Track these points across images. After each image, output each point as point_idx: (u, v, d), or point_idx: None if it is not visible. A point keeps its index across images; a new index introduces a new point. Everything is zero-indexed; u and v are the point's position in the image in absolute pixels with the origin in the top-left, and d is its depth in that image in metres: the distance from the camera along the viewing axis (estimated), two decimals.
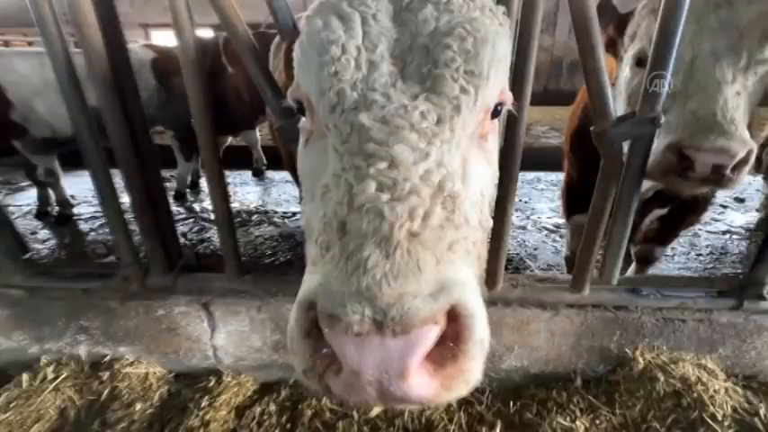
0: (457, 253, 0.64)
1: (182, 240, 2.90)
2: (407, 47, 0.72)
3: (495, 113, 0.84)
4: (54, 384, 1.61)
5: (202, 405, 1.55)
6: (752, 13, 1.20)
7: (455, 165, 0.70)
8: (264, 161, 5.67)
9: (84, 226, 4.26)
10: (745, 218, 4.18)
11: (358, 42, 0.71)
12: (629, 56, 1.43)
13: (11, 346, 1.68)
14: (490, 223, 0.83)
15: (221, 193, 1.40)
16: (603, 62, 1.14)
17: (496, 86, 0.78)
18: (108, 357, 1.69)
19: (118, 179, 1.44)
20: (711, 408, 1.45)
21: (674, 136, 1.14)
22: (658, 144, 1.19)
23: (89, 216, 4.47)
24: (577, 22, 1.11)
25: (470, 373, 0.60)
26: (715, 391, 1.50)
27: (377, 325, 0.54)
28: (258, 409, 1.58)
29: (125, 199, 1.46)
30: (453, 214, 0.65)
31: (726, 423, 1.43)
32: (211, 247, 3.67)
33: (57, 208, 4.38)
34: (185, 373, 1.72)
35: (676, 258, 3.57)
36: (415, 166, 0.64)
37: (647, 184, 1.49)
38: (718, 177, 1.10)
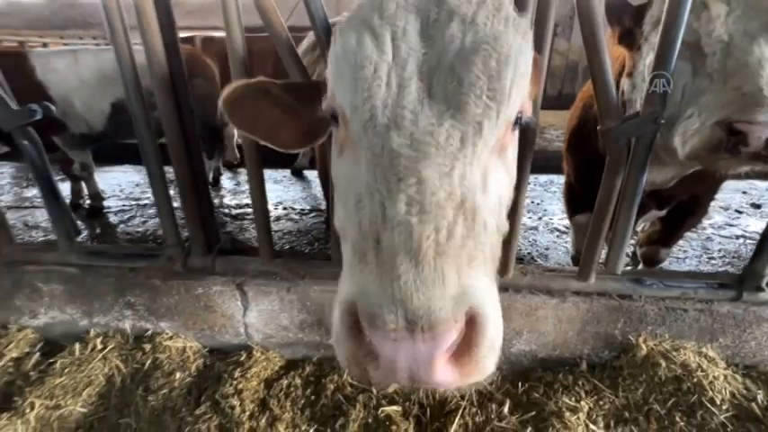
0: (476, 260, 0.74)
1: None
2: (435, 64, 0.77)
3: (515, 123, 0.89)
4: (102, 354, 1.78)
5: (235, 376, 1.70)
6: None
7: (476, 178, 0.77)
8: (237, 156, 5.84)
9: (113, 218, 4.50)
10: (760, 224, 4.17)
11: (389, 60, 0.77)
12: (650, 43, 1.39)
13: (64, 318, 1.87)
14: (507, 227, 0.90)
15: (259, 185, 1.56)
16: (609, 62, 1.24)
17: (517, 102, 0.82)
18: (150, 331, 1.85)
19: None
20: (710, 392, 1.54)
21: (720, 112, 1.14)
22: (700, 123, 1.19)
23: (118, 209, 4.72)
24: (583, 22, 1.21)
25: (484, 366, 0.72)
26: (714, 377, 1.58)
27: (408, 325, 0.65)
28: (285, 382, 1.73)
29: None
30: (474, 224, 0.74)
31: (724, 407, 1.52)
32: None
33: (88, 201, 4.63)
34: (218, 348, 1.87)
35: (688, 261, 3.61)
36: (441, 187, 0.72)
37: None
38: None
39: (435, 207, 0.71)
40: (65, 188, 5.07)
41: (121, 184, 5.45)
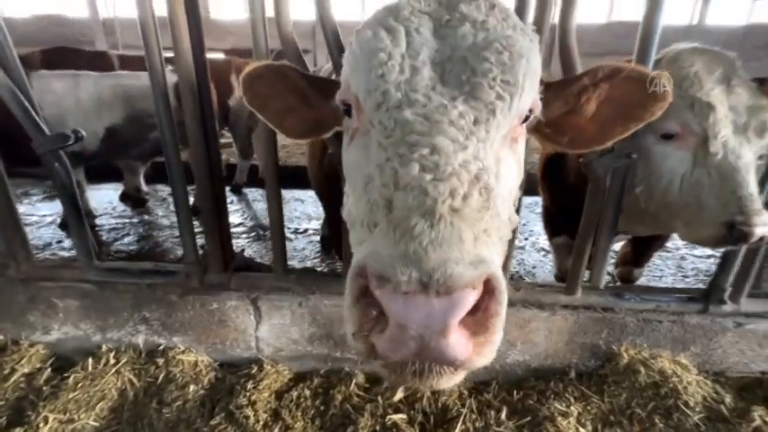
0: (491, 237, 0.71)
1: None
2: (447, 57, 0.80)
3: (525, 119, 0.90)
4: (115, 368, 1.83)
5: (248, 387, 1.78)
6: (748, 102, 1.37)
7: (490, 161, 0.76)
8: (245, 179, 5.99)
9: (106, 236, 4.50)
10: None
11: (402, 50, 0.80)
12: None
13: (77, 334, 1.92)
14: (517, 220, 0.90)
15: (277, 204, 1.69)
16: None
17: (530, 96, 0.84)
18: (162, 346, 1.92)
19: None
20: (685, 396, 1.71)
21: (725, 215, 1.28)
22: (709, 221, 1.33)
23: (110, 227, 4.72)
24: (564, 64, 1.43)
25: (495, 343, 0.68)
26: (688, 383, 1.76)
27: (423, 286, 0.59)
28: (295, 394, 1.81)
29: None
30: (488, 203, 0.71)
31: (697, 409, 1.69)
32: None
33: None
34: (228, 362, 1.95)
35: (664, 279, 3.87)
36: (455, 155, 0.71)
37: None
38: (760, 243, 1.31)
39: (450, 174, 0.69)
40: (54, 206, 5.05)
41: (113, 202, 5.45)
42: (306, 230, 4.78)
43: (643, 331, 1.81)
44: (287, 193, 5.99)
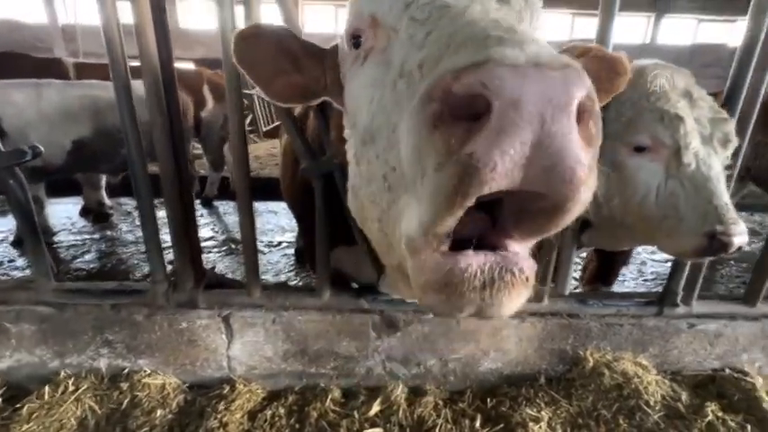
0: None
1: None
2: None
3: None
4: (74, 396, 1.73)
5: (219, 409, 1.72)
6: (710, 114, 1.42)
7: None
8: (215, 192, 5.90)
9: (65, 254, 4.25)
10: None
11: None
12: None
13: (31, 360, 1.80)
14: None
15: (249, 219, 1.68)
16: None
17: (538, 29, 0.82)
18: (127, 370, 1.83)
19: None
20: (645, 396, 1.81)
21: (705, 226, 1.30)
22: (687, 230, 1.33)
23: (69, 245, 4.47)
24: None
25: (594, 169, 0.53)
26: (648, 383, 1.86)
27: (533, 64, 0.47)
28: (269, 413, 1.77)
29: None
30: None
31: (657, 408, 1.78)
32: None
33: None
34: (198, 383, 1.88)
35: (626, 283, 4.08)
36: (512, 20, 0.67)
37: None
38: (736, 253, 1.31)
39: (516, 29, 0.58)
40: (6, 222, 4.73)
41: (72, 218, 5.19)
42: (279, 243, 4.72)
43: (606, 335, 1.91)
44: (260, 205, 5.89)
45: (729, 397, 1.86)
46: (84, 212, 5.19)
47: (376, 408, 1.80)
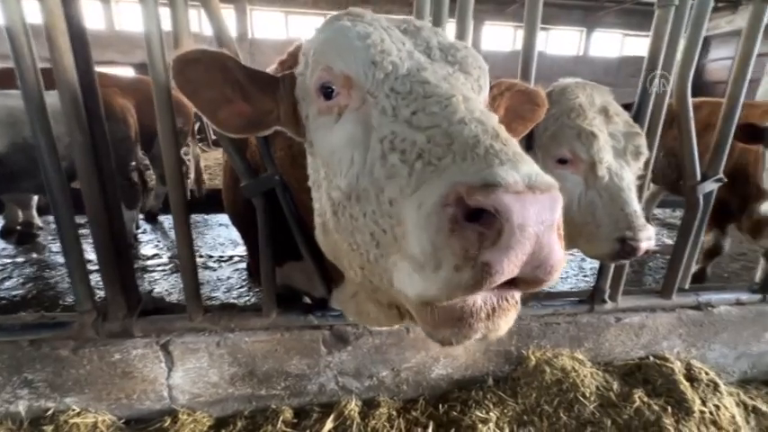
0: None
1: None
2: (424, 47, 0.91)
3: None
4: None
5: None
6: (623, 129, 1.55)
7: None
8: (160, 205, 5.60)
9: None
10: None
11: (388, 38, 0.88)
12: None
13: None
14: None
15: (186, 238, 1.60)
16: None
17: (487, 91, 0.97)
18: (51, 411, 1.66)
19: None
20: (582, 388, 1.94)
21: (617, 232, 1.42)
22: (605, 238, 1.45)
23: None
24: None
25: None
26: (584, 376, 2.00)
27: (528, 186, 0.60)
28: None
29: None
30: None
31: (592, 398, 1.92)
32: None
33: None
34: (136, 417, 1.75)
35: (569, 280, 4.36)
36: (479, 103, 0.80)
37: None
38: (646, 256, 1.48)
39: (483, 112, 0.76)
40: None
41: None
42: (231, 258, 4.54)
43: (545, 334, 2.03)
44: (210, 218, 5.64)
45: (653, 382, 2.05)
46: (5, 233, 4.68)
47: (329, 425, 1.77)
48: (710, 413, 1.90)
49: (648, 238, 1.40)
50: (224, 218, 5.50)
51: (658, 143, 1.84)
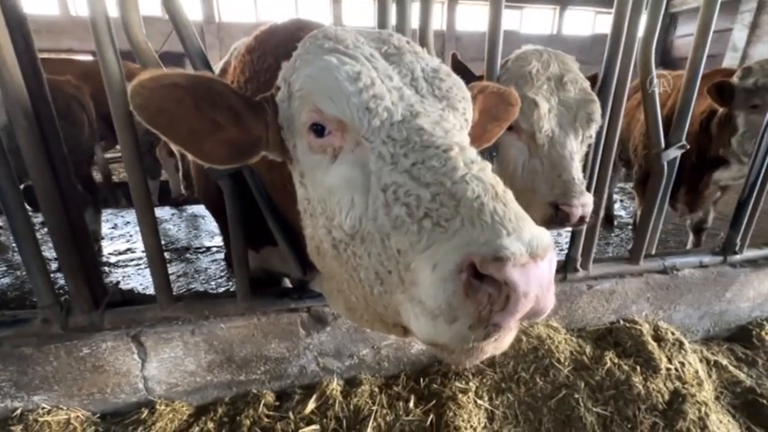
0: None
1: None
2: (410, 79, 0.91)
3: None
4: None
5: None
6: (577, 96, 1.56)
7: None
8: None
9: None
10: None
11: (375, 74, 0.87)
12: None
13: None
14: None
15: (151, 227, 1.54)
16: None
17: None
18: (18, 410, 1.60)
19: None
20: (557, 354, 2.01)
21: (550, 196, 1.45)
22: (537, 202, 1.47)
23: None
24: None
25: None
26: (558, 342, 2.07)
27: (531, 256, 0.67)
28: (196, 429, 1.67)
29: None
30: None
31: (566, 363, 1.99)
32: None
33: None
34: (112, 411, 1.71)
35: None
36: (471, 150, 0.84)
37: None
38: (581, 222, 1.46)
39: (480, 167, 0.80)
40: None
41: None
42: (209, 249, 4.43)
43: None
44: (188, 209, 5.49)
45: (623, 344, 2.14)
46: None
47: (311, 405, 1.78)
48: (676, 369, 2.01)
49: (584, 204, 1.41)
50: (199, 209, 5.36)
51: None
